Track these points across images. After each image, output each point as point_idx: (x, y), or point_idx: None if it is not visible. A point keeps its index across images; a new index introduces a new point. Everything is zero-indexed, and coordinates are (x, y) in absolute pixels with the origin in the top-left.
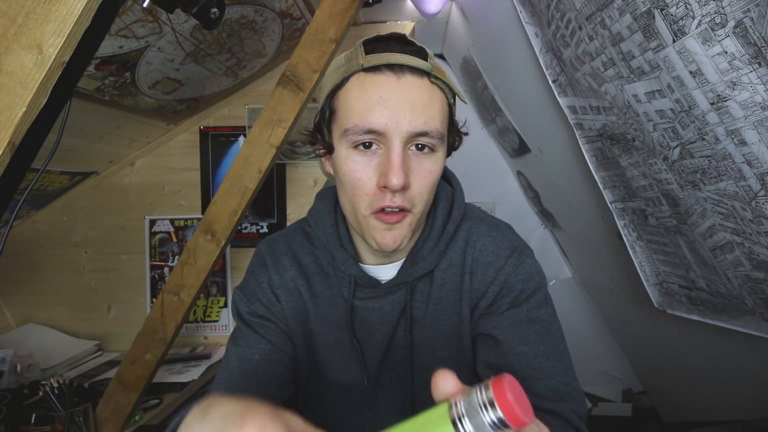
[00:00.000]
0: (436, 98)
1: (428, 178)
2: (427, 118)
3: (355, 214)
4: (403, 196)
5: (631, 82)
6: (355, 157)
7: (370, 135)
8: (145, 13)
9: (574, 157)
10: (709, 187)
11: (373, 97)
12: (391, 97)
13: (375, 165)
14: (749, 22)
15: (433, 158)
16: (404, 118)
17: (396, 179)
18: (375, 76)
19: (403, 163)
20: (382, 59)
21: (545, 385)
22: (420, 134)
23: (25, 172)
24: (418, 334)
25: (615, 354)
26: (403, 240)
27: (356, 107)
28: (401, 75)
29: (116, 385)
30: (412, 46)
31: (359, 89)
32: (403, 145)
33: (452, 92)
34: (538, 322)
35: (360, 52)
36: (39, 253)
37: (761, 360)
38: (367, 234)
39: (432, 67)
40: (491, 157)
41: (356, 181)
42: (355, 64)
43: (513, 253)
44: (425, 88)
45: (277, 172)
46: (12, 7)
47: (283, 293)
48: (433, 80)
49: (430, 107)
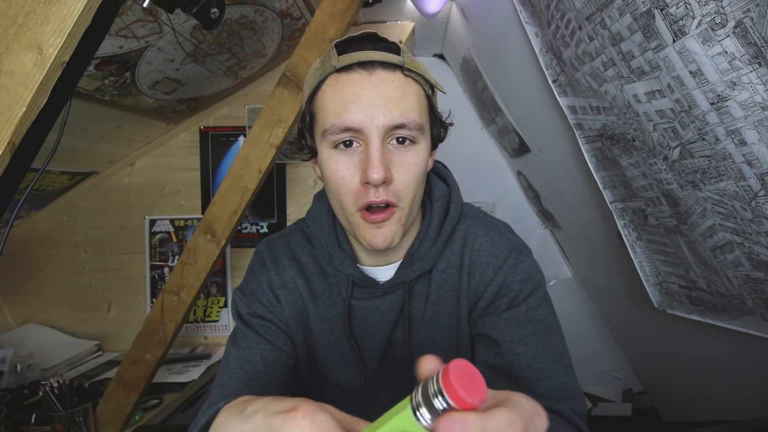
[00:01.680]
0: (410, 90)
1: (412, 170)
2: (402, 110)
3: (344, 213)
4: (387, 189)
5: (631, 82)
6: (337, 157)
7: (348, 133)
8: (145, 13)
9: (574, 157)
10: (709, 187)
11: (347, 96)
12: (364, 93)
13: (356, 162)
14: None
15: (415, 150)
16: (378, 113)
17: (376, 173)
18: (348, 75)
19: (382, 157)
20: (353, 58)
21: (545, 385)
22: (397, 127)
23: (25, 172)
24: (417, 335)
25: (615, 354)
26: (393, 237)
27: (332, 107)
28: (373, 71)
29: (116, 385)
30: (384, 43)
31: (333, 90)
32: (381, 139)
33: (429, 84)
34: (537, 322)
35: (333, 54)
36: (39, 253)
37: (761, 360)
38: (358, 233)
39: (404, 61)
40: (491, 157)
41: (340, 180)
42: (328, 66)
43: (511, 253)
44: (398, 81)
45: (277, 172)
46: (12, 7)
47: (283, 293)
48: (407, 73)
49: (404, 99)
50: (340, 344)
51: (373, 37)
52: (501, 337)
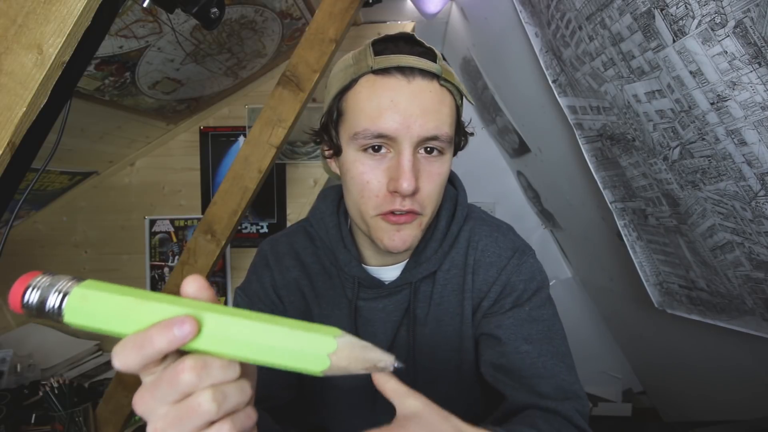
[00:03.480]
0: (445, 102)
1: (437, 180)
2: (437, 123)
3: (361, 215)
4: (413, 200)
5: (631, 82)
6: (365, 160)
7: (381, 139)
8: (145, 13)
9: (574, 157)
10: (709, 187)
11: (383, 101)
12: (402, 101)
13: (384, 169)
14: (749, 22)
15: (442, 161)
16: (415, 123)
17: (407, 184)
18: (385, 79)
19: (413, 168)
20: (392, 61)
21: (549, 384)
22: (430, 138)
23: (25, 172)
24: (421, 335)
25: (615, 354)
26: (413, 241)
27: (366, 111)
28: (412, 78)
29: (116, 385)
30: (421, 47)
31: (369, 92)
32: (413, 149)
33: (460, 94)
34: (541, 322)
35: (369, 53)
36: (39, 253)
37: (761, 360)
38: (375, 235)
39: (441, 70)
40: (491, 157)
41: (365, 184)
42: (364, 65)
43: (515, 254)
44: (435, 92)
45: (277, 172)
46: (12, 7)
47: (286, 294)
48: (443, 83)
49: (440, 111)
50: None
51: (410, 39)
52: (505, 335)
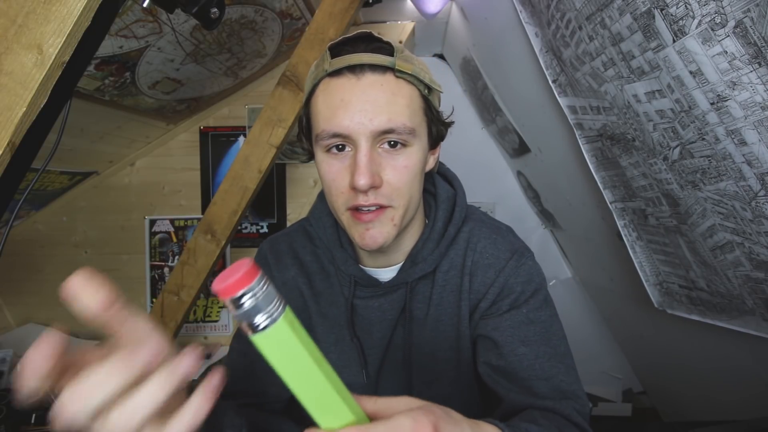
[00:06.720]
0: (401, 93)
1: (404, 173)
2: (390, 115)
3: (336, 213)
4: (376, 193)
5: (631, 82)
6: (329, 161)
7: (338, 138)
8: (145, 13)
9: (574, 157)
10: (709, 187)
11: (335, 101)
12: (352, 99)
13: (346, 166)
14: (749, 22)
15: (407, 153)
16: (365, 118)
17: (362, 180)
18: (337, 79)
19: (369, 163)
20: (343, 62)
21: (546, 385)
22: (386, 132)
23: (25, 172)
24: (419, 334)
25: (615, 354)
26: (386, 238)
27: (322, 113)
28: (361, 75)
29: None
30: (378, 43)
31: (324, 95)
32: (370, 144)
33: (424, 84)
34: (538, 324)
35: (326, 57)
36: (39, 253)
37: (761, 360)
38: (350, 232)
39: (395, 62)
40: (491, 157)
41: (332, 182)
42: (321, 70)
43: (513, 255)
44: (387, 84)
45: (277, 172)
46: (12, 7)
47: (285, 292)
48: (398, 75)
49: (393, 103)
50: (341, 342)
51: (368, 37)
52: (502, 338)
